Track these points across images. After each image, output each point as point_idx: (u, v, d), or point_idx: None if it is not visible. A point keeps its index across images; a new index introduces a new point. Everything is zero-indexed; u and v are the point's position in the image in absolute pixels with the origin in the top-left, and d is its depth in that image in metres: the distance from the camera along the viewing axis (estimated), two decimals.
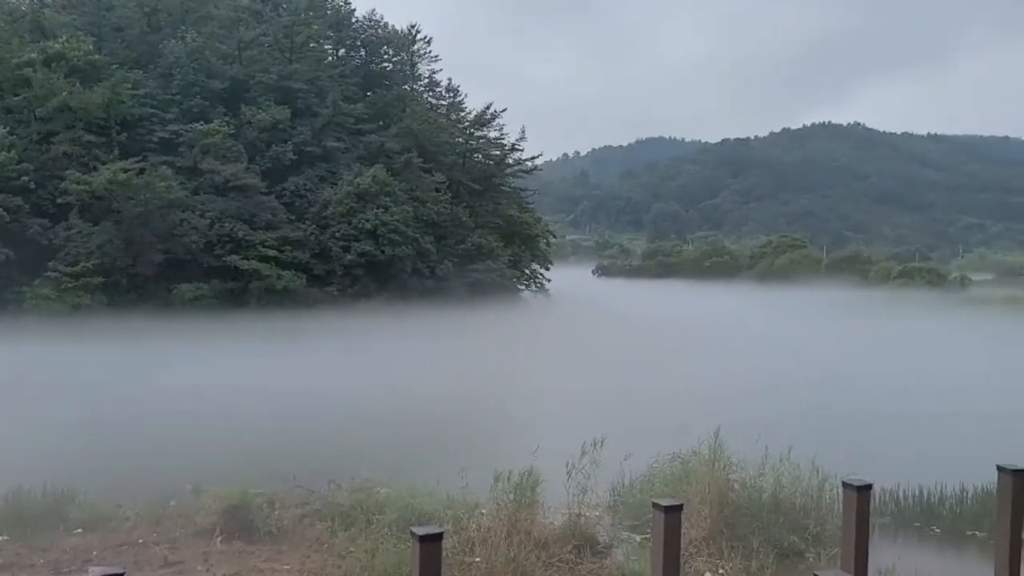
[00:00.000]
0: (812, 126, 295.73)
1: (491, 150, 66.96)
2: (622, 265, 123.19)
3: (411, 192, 53.58)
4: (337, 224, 49.80)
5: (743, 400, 21.20)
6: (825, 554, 9.84)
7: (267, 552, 10.05)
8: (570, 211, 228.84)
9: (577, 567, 9.73)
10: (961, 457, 13.48)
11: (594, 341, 38.91)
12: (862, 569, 6.22)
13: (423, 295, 49.75)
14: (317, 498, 11.69)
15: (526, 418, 20.73)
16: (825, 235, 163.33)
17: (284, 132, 51.84)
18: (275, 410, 20.03)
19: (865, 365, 30.04)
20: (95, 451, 16.00)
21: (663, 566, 5.44)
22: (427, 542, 4.54)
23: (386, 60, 68.33)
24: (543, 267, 67.36)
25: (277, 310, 43.11)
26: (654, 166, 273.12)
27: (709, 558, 9.90)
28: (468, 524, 10.31)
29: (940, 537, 11.42)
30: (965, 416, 20.00)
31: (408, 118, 59.24)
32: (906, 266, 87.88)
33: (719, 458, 11.18)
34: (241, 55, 55.45)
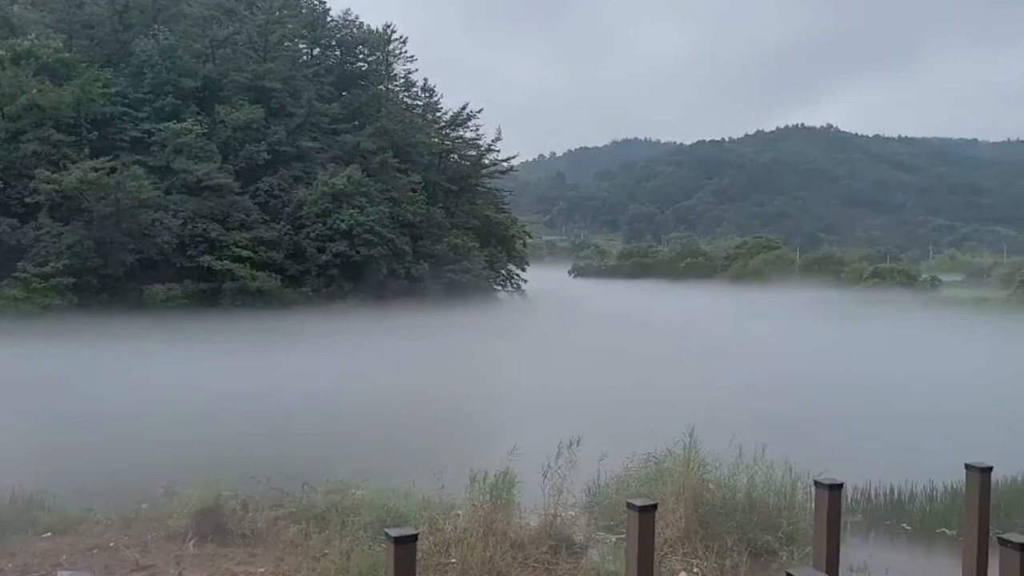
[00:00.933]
0: (785, 128, 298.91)
1: (467, 151, 66.95)
2: (598, 266, 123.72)
3: (387, 192, 53.40)
4: (312, 224, 49.51)
5: (717, 400, 21.34)
6: (798, 552, 9.93)
7: (241, 555, 9.97)
8: (546, 212, 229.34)
9: (553, 567, 9.75)
10: (932, 455, 13.66)
11: (570, 342, 38.99)
12: (834, 567, 6.28)
13: (399, 296, 49.58)
14: (291, 500, 11.61)
15: (502, 419, 20.72)
16: (798, 236, 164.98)
17: (258, 132, 51.44)
18: (248, 412, 19.85)
19: (837, 365, 30.35)
20: (65, 454, 15.78)
21: (637, 566, 5.46)
22: (401, 544, 4.53)
23: (361, 60, 68.03)
24: (519, 268, 67.44)
25: (251, 311, 42.77)
26: (630, 167, 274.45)
27: (684, 557, 9.95)
28: (444, 525, 10.30)
29: (910, 534, 11.57)
30: (936, 415, 20.26)
31: (384, 118, 59.03)
32: (878, 267, 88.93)
33: (694, 458, 11.25)
34: (214, 54, 54.95)
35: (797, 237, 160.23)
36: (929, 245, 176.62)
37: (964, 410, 20.81)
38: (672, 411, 16.67)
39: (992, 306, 59.94)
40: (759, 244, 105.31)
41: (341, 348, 32.46)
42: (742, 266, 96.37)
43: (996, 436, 16.50)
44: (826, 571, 6.00)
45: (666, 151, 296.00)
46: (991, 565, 5.94)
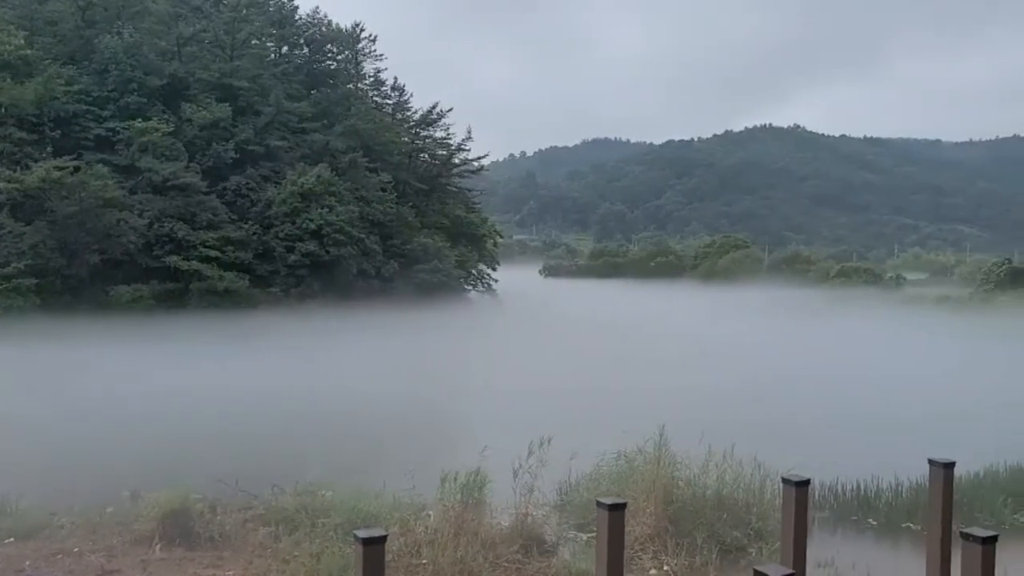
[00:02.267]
0: (753, 128, 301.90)
1: (437, 150, 66.84)
2: (569, 265, 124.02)
3: (356, 192, 53.11)
4: (281, 224, 49.11)
5: (687, 399, 21.48)
6: (767, 549, 10.03)
7: (208, 558, 9.86)
8: (517, 211, 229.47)
9: (524, 567, 9.76)
10: (897, 452, 13.87)
11: (541, 341, 39.06)
12: (801, 563, 6.35)
13: (369, 296, 49.33)
14: (260, 502, 11.51)
15: (473, 419, 20.70)
16: (766, 235, 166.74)
17: (225, 130, 50.90)
18: (217, 413, 19.63)
19: (805, 364, 30.71)
20: (27, 458, 15.49)
21: (607, 564, 5.48)
22: (370, 545, 4.50)
23: (330, 58, 67.62)
24: (490, 267, 67.42)
25: (219, 311, 42.30)
26: (600, 167, 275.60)
27: (654, 555, 10.01)
28: (415, 526, 10.27)
29: (877, 529, 11.75)
30: (901, 412, 20.58)
31: (353, 117, 58.72)
32: (844, 266, 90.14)
33: (664, 456, 11.32)
34: (180, 51, 54.28)
35: (765, 236, 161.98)
36: (894, 244, 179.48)
37: (928, 407, 21.15)
38: (642, 410, 16.76)
39: (955, 304, 60.98)
40: (728, 243, 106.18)
41: (310, 348, 32.24)
42: (711, 265, 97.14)
43: (960, 432, 16.81)
44: (793, 567, 6.07)
45: (636, 151, 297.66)
46: (954, 559, 6.04)
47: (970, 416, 19.66)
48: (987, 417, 19.41)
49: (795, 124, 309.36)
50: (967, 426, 17.97)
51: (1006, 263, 70.25)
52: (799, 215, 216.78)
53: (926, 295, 69.53)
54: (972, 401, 21.98)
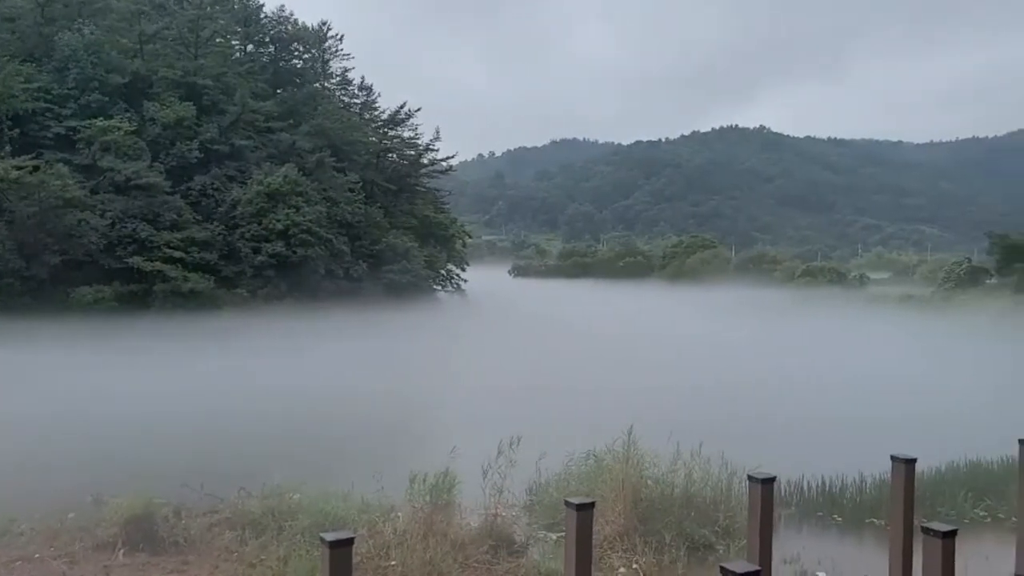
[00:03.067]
0: (720, 129, 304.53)
1: (405, 150, 66.55)
2: (538, 265, 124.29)
3: (324, 192, 52.71)
4: (247, 224, 48.57)
5: (656, 398, 21.61)
6: (734, 546, 10.13)
7: (173, 563, 9.74)
8: (486, 211, 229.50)
9: (493, 567, 9.76)
10: (862, 448, 14.06)
11: (510, 341, 39.09)
12: (767, 559, 6.41)
13: (337, 296, 48.97)
14: (226, 506, 11.38)
15: (442, 419, 20.66)
16: (733, 235, 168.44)
17: (189, 129, 50.23)
18: (181, 416, 19.37)
19: (773, 362, 31.05)
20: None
21: (576, 563, 5.49)
22: (337, 548, 4.46)
23: (296, 57, 67.06)
24: (459, 267, 67.32)
25: (183, 313, 41.74)
26: (568, 167, 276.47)
27: (623, 553, 10.06)
28: (384, 527, 10.23)
29: (841, 525, 11.91)
30: (866, 410, 20.88)
31: (320, 116, 58.27)
32: (809, 265, 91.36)
33: (632, 455, 11.38)
34: (143, 49, 53.49)
35: (732, 236, 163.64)
36: (858, 244, 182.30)
37: (892, 404, 21.50)
38: (611, 410, 16.84)
39: (917, 303, 62.06)
40: (695, 243, 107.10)
41: (276, 350, 31.93)
42: (679, 265, 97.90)
43: (923, 429, 17.09)
44: (759, 563, 6.12)
45: (604, 151, 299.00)
46: (916, 552, 6.13)
47: (933, 413, 19.99)
48: (949, 414, 19.75)
49: (761, 125, 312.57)
50: (930, 423, 18.27)
51: (966, 262, 71.67)
52: (765, 215, 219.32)
53: (889, 294, 70.69)
54: (935, 398, 22.36)
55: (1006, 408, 19.15)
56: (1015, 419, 14.42)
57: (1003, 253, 62.97)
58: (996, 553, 9.64)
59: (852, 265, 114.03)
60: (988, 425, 16.20)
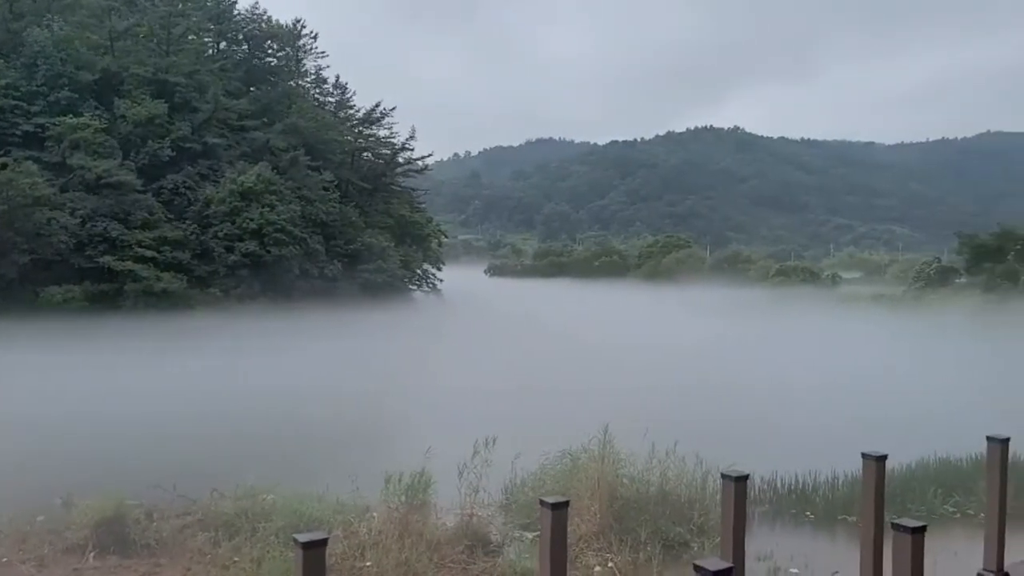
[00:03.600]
0: (695, 129, 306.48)
1: (381, 149, 66.30)
2: (514, 265, 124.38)
3: (298, 191, 52.36)
4: (220, 223, 48.12)
5: (631, 397, 21.68)
6: (709, 543, 10.18)
7: (144, 566, 9.63)
8: (462, 211, 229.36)
9: (469, 567, 9.75)
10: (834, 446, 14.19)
11: (486, 341, 39.05)
12: (740, 556, 6.45)
13: (312, 296, 48.67)
14: (199, 507, 11.27)
15: (418, 420, 20.58)
16: (708, 235, 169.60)
17: (161, 127, 49.68)
18: (153, 417, 19.14)
19: (748, 361, 31.28)
20: None
21: (550, 562, 5.48)
22: (310, 549, 4.42)
23: (270, 55, 66.59)
24: (435, 267, 67.19)
25: (155, 313, 41.28)
26: (544, 167, 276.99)
27: (599, 552, 10.09)
28: (359, 528, 10.18)
29: (814, 522, 12.03)
30: (838, 407, 21.10)
31: (294, 115, 57.88)
32: (782, 265, 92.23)
33: (608, 454, 11.42)
34: (113, 46, 52.82)
35: (707, 236, 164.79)
36: (830, 243, 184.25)
37: (866, 402, 21.74)
38: (586, 409, 16.87)
39: (888, 302, 62.84)
40: (670, 243, 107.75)
41: (249, 350, 31.63)
42: (654, 265, 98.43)
43: (895, 426, 17.30)
44: (733, 560, 6.16)
45: (580, 151, 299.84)
46: (887, 548, 6.20)
47: (904, 411, 20.24)
48: (920, 411, 20.00)
49: (735, 126, 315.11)
50: (901, 420, 18.50)
51: (936, 262, 72.74)
52: (739, 215, 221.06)
53: (861, 293, 71.50)
54: (906, 396, 22.65)
55: (975, 406, 19.45)
56: (984, 416, 14.65)
57: (972, 253, 64.00)
58: (965, 549, 9.77)
59: (824, 265, 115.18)
60: (958, 422, 16.45)
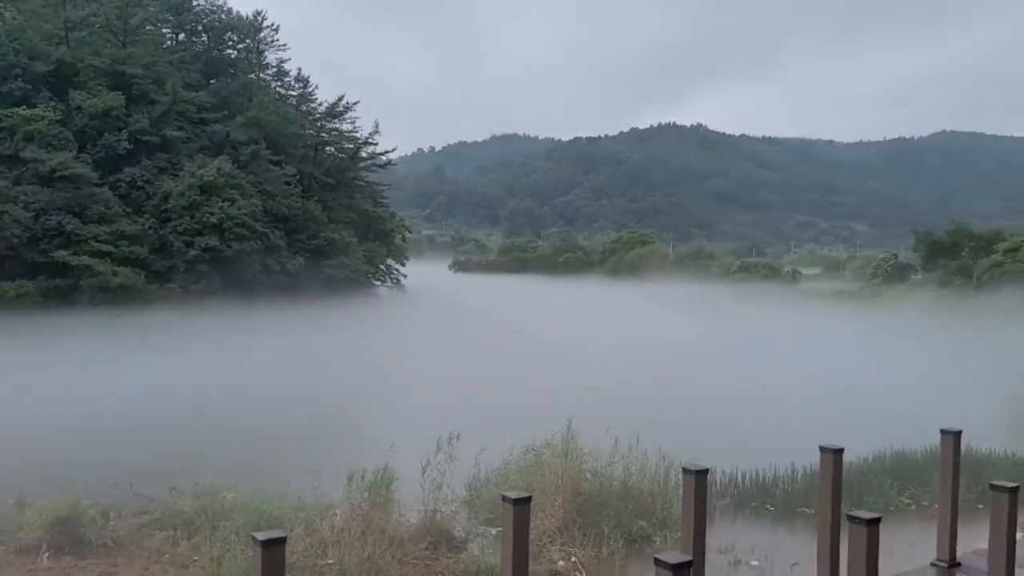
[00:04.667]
0: (658, 126, 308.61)
1: (343, 143, 65.64)
2: (478, 260, 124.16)
3: (259, 185, 51.68)
4: (179, 218, 47.33)
5: (595, 392, 21.80)
6: (671, 536, 10.28)
7: (100, 566, 9.48)
8: (426, 206, 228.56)
9: (433, 563, 9.73)
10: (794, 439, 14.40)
11: (449, 337, 38.98)
12: (701, 549, 6.51)
13: (274, 292, 48.10)
14: (157, 506, 11.12)
15: (381, 416, 20.46)
16: (672, 231, 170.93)
17: (118, 120, 48.69)
18: (110, 416, 18.78)
19: (709, 356, 31.60)
20: None
21: (512, 557, 5.49)
22: (269, 547, 4.37)
23: (230, 47, 65.54)
24: (399, 262, 66.81)
25: (112, 309, 40.47)
26: (509, 162, 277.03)
27: (562, 546, 10.13)
28: (321, 525, 10.11)
29: (774, 515, 12.20)
30: (800, 401, 21.41)
31: (255, 108, 57.08)
32: (744, 261, 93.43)
33: (572, 449, 11.47)
34: (68, 36, 51.64)
35: (670, 232, 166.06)
36: (791, 240, 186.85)
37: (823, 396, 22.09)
38: (550, 404, 16.91)
39: (847, 298, 63.97)
40: (634, 239, 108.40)
41: (210, 346, 31.20)
42: (618, 260, 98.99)
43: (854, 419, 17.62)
44: (693, 553, 6.21)
45: (544, 147, 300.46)
46: (843, 539, 6.30)
47: (862, 404, 20.62)
48: (878, 405, 20.39)
49: (698, 123, 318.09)
50: (860, 414, 18.83)
51: (893, 258, 74.29)
52: (702, 212, 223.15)
53: (821, 289, 72.71)
54: (864, 390, 23.07)
55: (931, 399, 19.87)
56: (939, 410, 14.96)
57: (927, 250, 65.40)
58: (919, 539, 9.98)
59: (785, 261, 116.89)
60: (914, 416, 16.78)
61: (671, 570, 4.14)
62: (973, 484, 11.81)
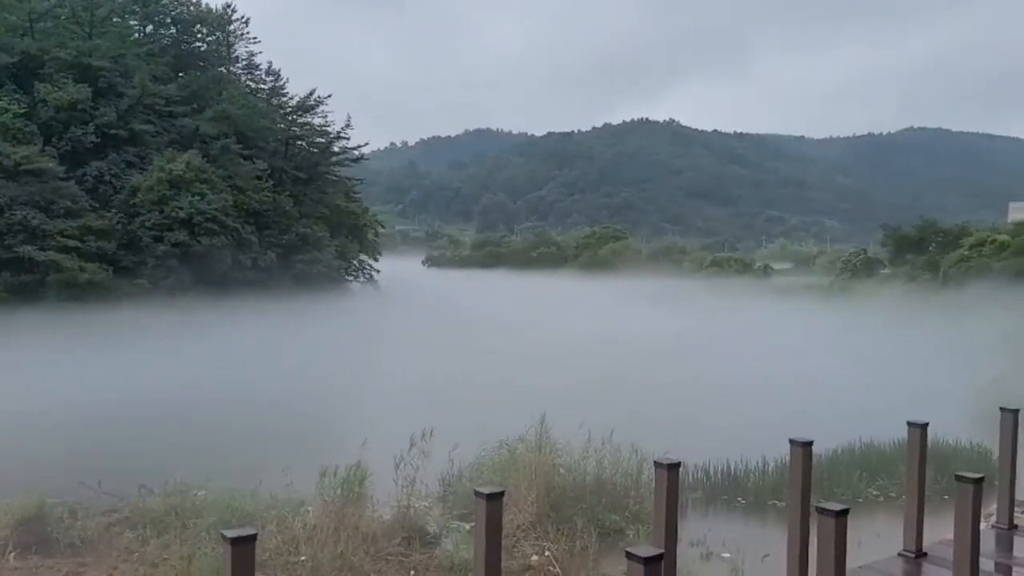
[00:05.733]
0: (631, 122, 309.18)
1: (315, 137, 65.07)
2: (452, 256, 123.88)
3: (229, 179, 51.10)
4: (148, 212, 46.69)
5: (569, 387, 21.84)
6: (644, 530, 10.34)
7: (68, 566, 9.35)
8: (399, 201, 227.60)
9: (406, 559, 9.72)
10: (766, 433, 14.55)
11: (423, 332, 38.87)
12: (673, 542, 6.56)
13: (245, 287, 47.63)
14: (126, 505, 10.98)
15: (354, 412, 20.38)
16: (644, 226, 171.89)
17: (85, 113, 47.90)
18: (77, 414, 18.52)
19: (681, 351, 31.79)
20: None
21: (485, 552, 5.49)
22: (239, 545, 4.34)
23: (200, 40, 64.73)
24: (372, 258, 66.46)
25: (80, 305, 39.85)
26: (482, 157, 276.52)
27: (536, 541, 10.16)
28: (293, 522, 10.05)
29: (745, 507, 12.33)
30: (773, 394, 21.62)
31: (225, 101, 56.42)
32: (716, 256, 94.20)
33: (545, 444, 11.50)
34: (33, 27, 50.70)
35: (643, 227, 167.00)
36: (762, 235, 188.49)
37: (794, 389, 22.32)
38: (523, 400, 16.92)
39: (817, 292, 64.66)
40: (607, 234, 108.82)
41: (179, 343, 30.87)
42: (591, 255, 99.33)
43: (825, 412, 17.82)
44: (665, 546, 6.25)
45: (518, 142, 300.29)
46: (812, 531, 6.38)
47: (832, 397, 20.86)
48: (847, 398, 20.65)
49: (670, 118, 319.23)
50: (830, 407, 19.06)
51: (862, 253, 75.24)
52: (675, 207, 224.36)
53: (792, 284, 73.48)
54: (834, 384, 23.34)
55: (899, 392, 20.16)
56: (906, 403, 15.19)
57: (895, 245, 66.37)
58: (887, 530, 10.13)
59: (757, 256, 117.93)
60: (882, 408, 17.02)
61: (642, 563, 4.17)
62: (939, 476, 12.01)
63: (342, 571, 9.04)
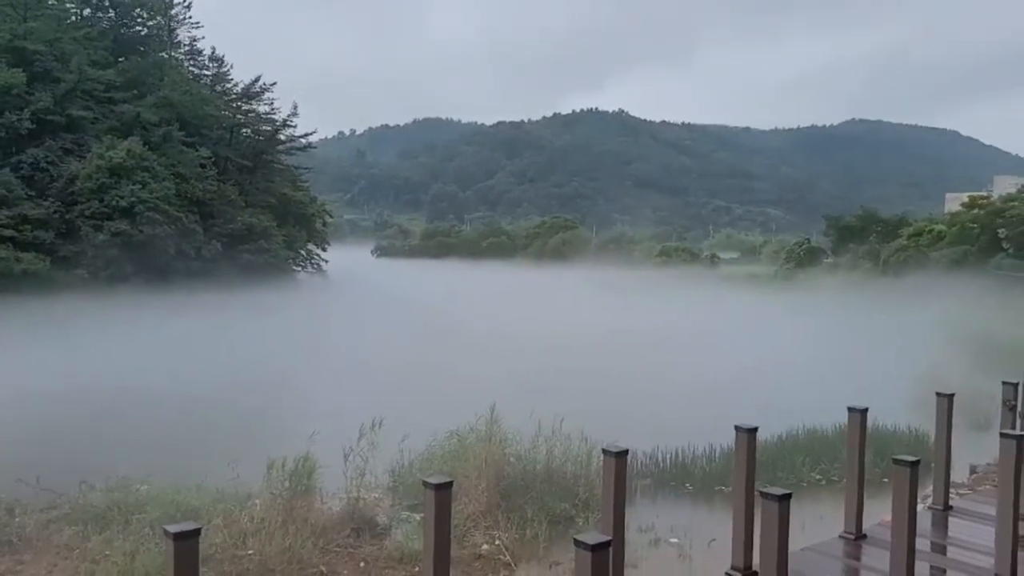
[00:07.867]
0: (581, 112, 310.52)
1: (261, 125, 64.06)
2: (401, 246, 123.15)
3: (172, 167, 50.00)
4: (87, 201, 45.45)
5: (518, 377, 21.88)
6: (593, 518, 10.44)
7: (6, 564, 9.11)
8: (347, 190, 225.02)
9: (356, 551, 9.68)
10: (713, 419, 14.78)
11: (372, 323, 38.57)
12: (620, 529, 6.63)
13: (189, 278, 46.72)
14: (66, 501, 10.72)
15: (302, 404, 20.12)
16: (594, 216, 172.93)
17: (19, 98, 46.37)
18: (14, 408, 17.95)
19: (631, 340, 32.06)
20: None
21: (434, 542, 5.48)
22: (182, 539, 4.25)
23: (140, 24, 63.07)
24: (320, 247, 65.78)
25: (15, 296, 38.62)
26: (432, 146, 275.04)
27: (487, 530, 10.19)
28: (240, 516, 9.91)
29: (693, 494, 12.53)
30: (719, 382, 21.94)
31: (167, 87, 55.12)
32: (665, 246, 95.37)
33: (495, 433, 11.52)
34: None
35: (593, 217, 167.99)
36: (709, 225, 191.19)
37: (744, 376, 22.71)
38: (473, 390, 16.93)
39: (762, 281, 65.90)
40: (557, 224, 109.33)
41: (120, 334, 30.11)
42: (542, 245, 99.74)
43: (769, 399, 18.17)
44: (613, 533, 6.32)
45: (467, 131, 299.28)
46: (757, 515, 6.51)
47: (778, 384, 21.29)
48: (792, 385, 21.07)
49: (620, 109, 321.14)
50: (775, 393, 19.44)
51: (805, 243, 76.84)
52: (624, 197, 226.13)
53: (737, 273, 74.76)
54: (778, 370, 23.81)
55: (840, 378, 20.66)
56: (847, 388, 15.56)
57: (838, 234, 68.00)
58: (829, 513, 10.38)
59: (704, 245, 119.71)
60: (824, 394, 17.42)
61: (590, 551, 4.21)
62: (879, 459, 12.34)
63: (290, 564, 8.96)
